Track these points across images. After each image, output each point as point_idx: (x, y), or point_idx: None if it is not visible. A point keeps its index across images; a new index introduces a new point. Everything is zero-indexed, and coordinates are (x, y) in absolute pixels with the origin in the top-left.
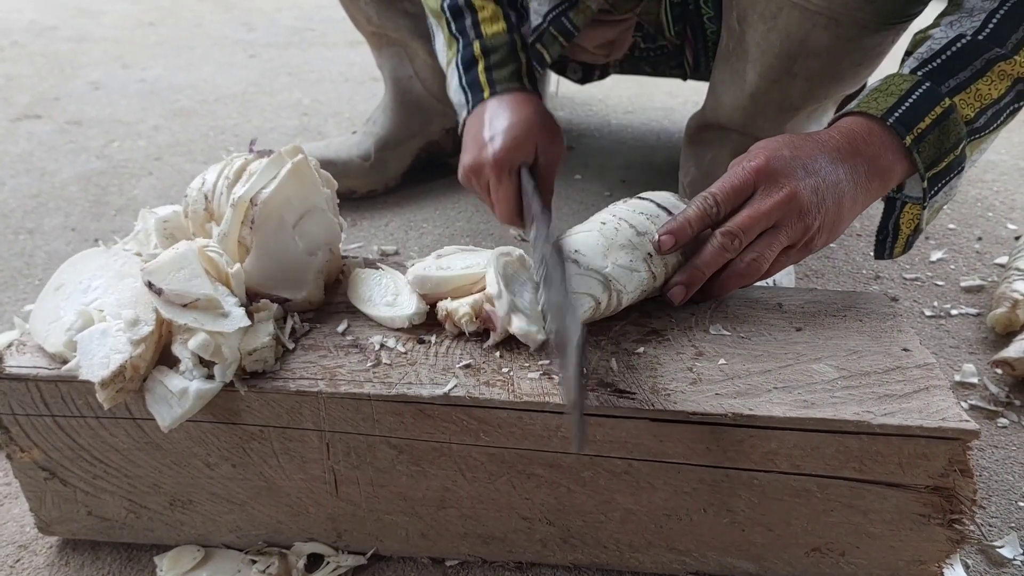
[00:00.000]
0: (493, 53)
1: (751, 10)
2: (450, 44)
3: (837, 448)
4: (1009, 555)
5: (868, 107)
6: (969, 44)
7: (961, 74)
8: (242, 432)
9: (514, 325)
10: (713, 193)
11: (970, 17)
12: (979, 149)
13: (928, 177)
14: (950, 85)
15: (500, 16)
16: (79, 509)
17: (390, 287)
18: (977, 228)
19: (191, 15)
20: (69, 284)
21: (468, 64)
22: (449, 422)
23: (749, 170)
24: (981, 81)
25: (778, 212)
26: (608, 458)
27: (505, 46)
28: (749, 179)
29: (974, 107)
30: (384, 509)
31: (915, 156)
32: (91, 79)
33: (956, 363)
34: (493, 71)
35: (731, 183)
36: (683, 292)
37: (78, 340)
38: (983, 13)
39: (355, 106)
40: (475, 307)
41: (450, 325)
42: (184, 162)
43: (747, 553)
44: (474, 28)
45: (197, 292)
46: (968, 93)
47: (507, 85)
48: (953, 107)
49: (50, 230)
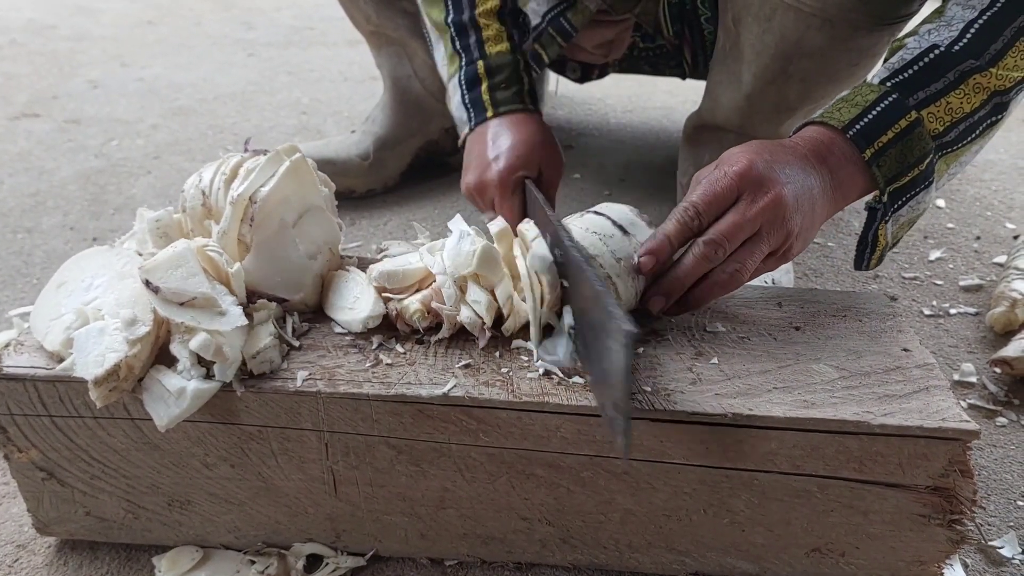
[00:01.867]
0: (497, 73)
1: (746, 12)
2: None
3: (837, 448)
4: (1008, 554)
5: (830, 117)
6: (942, 55)
7: (932, 86)
8: (240, 432)
9: (463, 314)
10: (694, 203)
11: (948, 26)
12: (957, 162)
13: (889, 191)
14: (918, 97)
15: (504, 36)
16: (77, 509)
17: (353, 290)
18: (976, 227)
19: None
20: (71, 282)
21: (471, 83)
22: (448, 422)
23: (732, 176)
24: (953, 94)
25: (762, 218)
26: (608, 458)
27: (509, 66)
28: (732, 185)
29: (944, 121)
30: (383, 509)
31: (874, 170)
32: (90, 78)
33: (955, 362)
34: (496, 91)
35: (713, 191)
36: (662, 303)
37: (75, 337)
38: (961, 23)
39: (354, 105)
40: (425, 303)
41: (402, 324)
42: (183, 161)
43: (747, 554)
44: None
45: (194, 290)
46: (938, 106)
47: (510, 106)
48: (919, 121)
49: (48, 229)
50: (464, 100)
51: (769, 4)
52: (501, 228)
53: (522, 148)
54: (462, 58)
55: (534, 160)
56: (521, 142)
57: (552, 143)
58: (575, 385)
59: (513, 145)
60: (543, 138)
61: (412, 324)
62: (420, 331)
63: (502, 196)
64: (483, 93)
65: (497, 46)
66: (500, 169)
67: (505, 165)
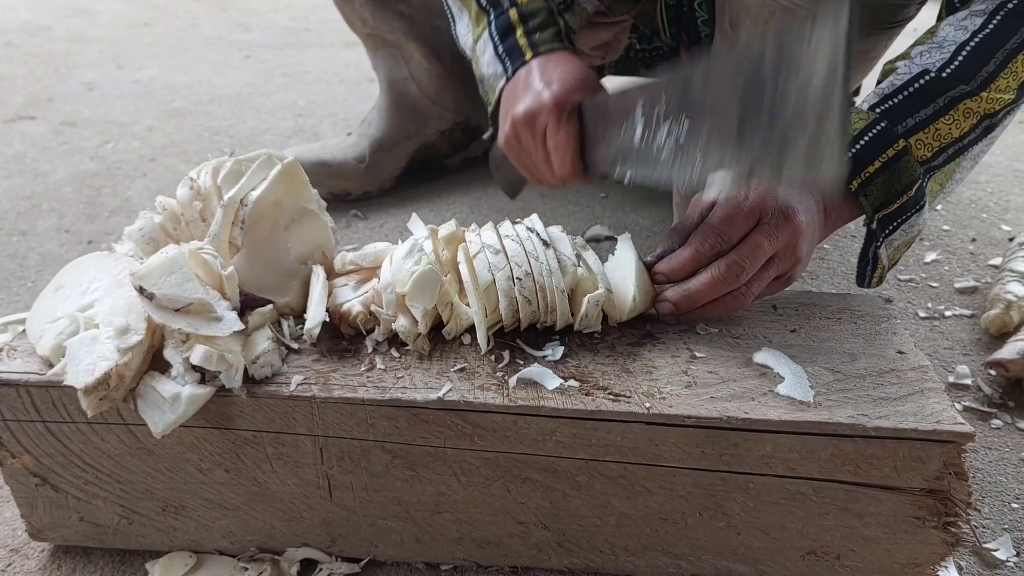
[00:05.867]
0: (532, 18)
1: (743, 14)
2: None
3: (832, 451)
4: (1003, 557)
5: None
6: (933, 80)
7: (921, 112)
8: (235, 437)
9: (398, 323)
10: (717, 228)
11: (940, 49)
12: (951, 180)
13: (878, 219)
14: (907, 124)
15: None
16: (71, 515)
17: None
18: (971, 229)
19: (186, 15)
20: (69, 286)
21: (504, 32)
22: (443, 426)
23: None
24: (942, 120)
25: (780, 244)
26: (603, 462)
27: (543, 10)
28: (754, 210)
29: (932, 147)
30: (378, 514)
31: (861, 199)
32: (86, 80)
33: (950, 364)
34: (534, 34)
35: (736, 213)
36: (671, 310)
37: (67, 345)
38: (953, 45)
39: (350, 107)
40: (366, 305)
41: (346, 327)
42: (179, 163)
43: (743, 557)
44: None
45: (189, 296)
46: (927, 133)
47: (551, 46)
48: (907, 149)
49: (43, 232)
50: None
51: (767, 7)
52: (451, 232)
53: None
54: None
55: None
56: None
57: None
58: (570, 389)
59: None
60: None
61: (356, 326)
62: (364, 332)
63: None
64: (519, 38)
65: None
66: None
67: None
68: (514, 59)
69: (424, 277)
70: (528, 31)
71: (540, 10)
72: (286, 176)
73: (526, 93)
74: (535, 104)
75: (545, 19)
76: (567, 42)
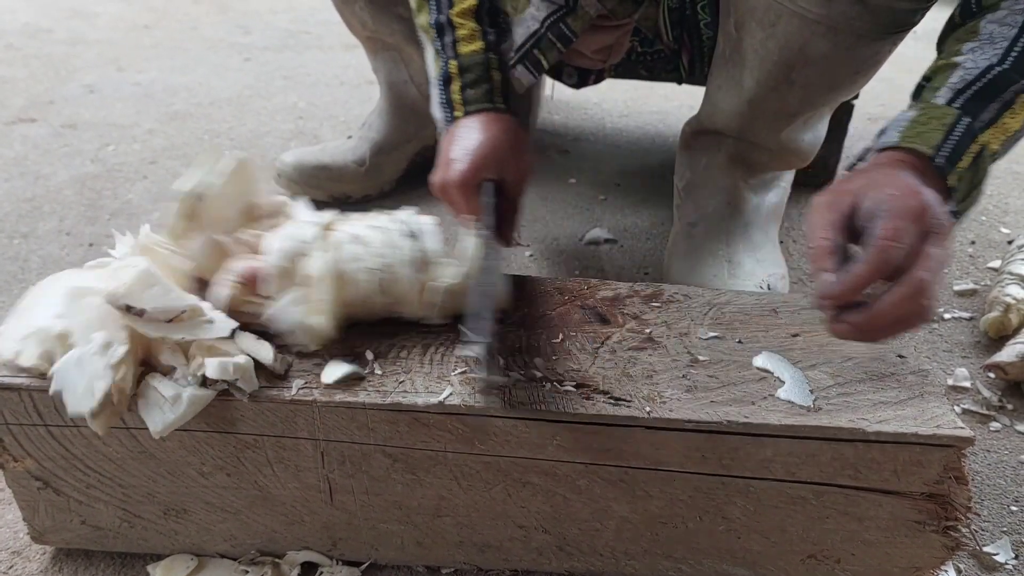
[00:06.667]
0: (467, 72)
1: (749, 17)
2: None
3: (832, 455)
4: (1002, 560)
5: (914, 143)
6: (999, 75)
7: (991, 106)
8: (236, 441)
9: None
10: (892, 244)
11: (992, 44)
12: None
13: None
14: (983, 120)
15: (478, 35)
16: (72, 518)
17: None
18: (970, 232)
19: (186, 18)
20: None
21: (445, 83)
22: (444, 430)
23: (918, 210)
24: (1008, 114)
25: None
26: (604, 466)
27: (480, 65)
28: (920, 215)
29: (999, 140)
30: (379, 518)
31: (953, 194)
32: (86, 82)
33: (949, 367)
34: (467, 90)
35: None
36: (853, 334)
37: (55, 374)
38: (1004, 41)
39: (350, 110)
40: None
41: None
42: (179, 166)
43: (743, 560)
44: (452, 47)
45: (181, 304)
46: (996, 127)
47: (478, 105)
48: (986, 144)
49: (44, 234)
50: (440, 99)
51: (773, 10)
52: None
53: (484, 149)
54: (441, 57)
55: (495, 161)
56: (483, 142)
57: (519, 144)
58: (571, 394)
59: (476, 146)
60: (509, 138)
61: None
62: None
63: (463, 198)
64: (454, 93)
65: (469, 45)
66: (459, 170)
67: (464, 167)
68: (449, 113)
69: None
70: (463, 86)
71: (476, 65)
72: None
73: (443, 164)
74: (445, 179)
75: (479, 76)
76: (498, 100)
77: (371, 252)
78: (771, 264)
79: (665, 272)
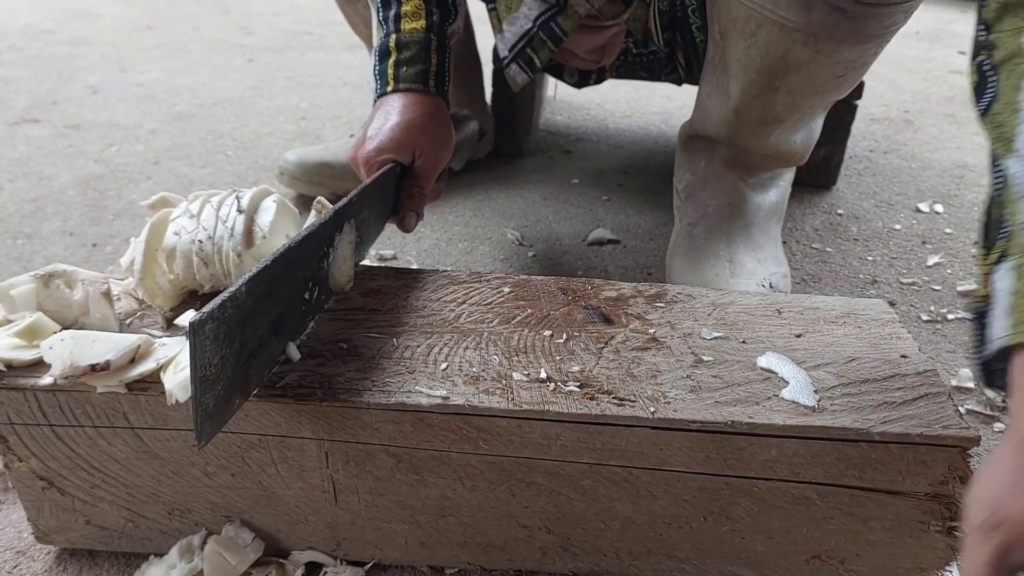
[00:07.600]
0: (404, 50)
1: (731, 27)
2: (378, 30)
3: (837, 456)
4: None
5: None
6: None
7: None
8: (240, 441)
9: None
10: None
11: None
12: None
13: None
14: None
15: (422, 13)
16: (77, 518)
17: None
18: (974, 232)
19: (188, 19)
20: None
21: (382, 55)
22: (448, 430)
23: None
24: None
25: None
26: (608, 466)
27: (418, 44)
28: None
29: None
30: (383, 518)
31: None
32: (89, 83)
33: (953, 368)
34: (400, 68)
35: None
36: None
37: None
38: None
39: (353, 111)
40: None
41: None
42: (182, 166)
43: (747, 561)
44: (395, 21)
45: (129, 344)
46: None
47: (408, 84)
48: None
49: (48, 235)
50: (375, 69)
51: (754, 20)
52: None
53: (398, 131)
54: (382, 29)
55: (409, 145)
56: (400, 124)
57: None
58: (575, 393)
59: (392, 126)
60: (428, 123)
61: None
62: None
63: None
64: (388, 67)
65: (412, 23)
66: (369, 149)
67: (375, 146)
68: (380, 85)
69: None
70: (398, 62)
71: (415, 43)
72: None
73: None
74: (355, 155)
75: (414, 54)
76: (432, 82)
77: (202, 226)
78: (773, 263)
79: (667, 273)
